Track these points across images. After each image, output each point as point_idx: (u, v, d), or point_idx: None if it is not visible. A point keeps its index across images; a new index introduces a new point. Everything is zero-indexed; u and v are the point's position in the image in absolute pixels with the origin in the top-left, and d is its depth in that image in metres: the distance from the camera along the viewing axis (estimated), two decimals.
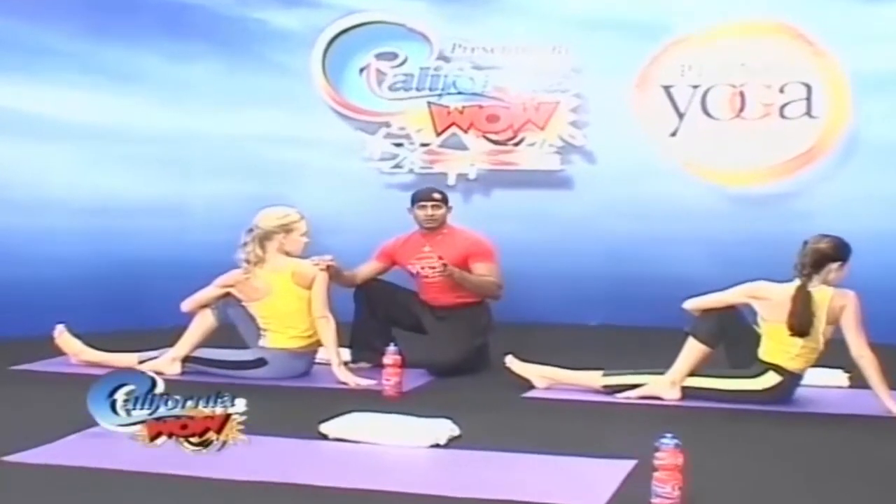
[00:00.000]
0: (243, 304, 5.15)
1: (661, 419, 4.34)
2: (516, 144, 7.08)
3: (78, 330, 5.45)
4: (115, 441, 3.86)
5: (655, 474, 3.18)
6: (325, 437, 3.92)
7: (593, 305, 6.88)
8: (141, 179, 6.84)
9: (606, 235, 6.89)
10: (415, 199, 5.47)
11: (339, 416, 4.05)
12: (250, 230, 5.12)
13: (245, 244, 5.09)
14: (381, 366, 5.02)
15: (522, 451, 3.81)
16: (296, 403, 4.67)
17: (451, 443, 3.90)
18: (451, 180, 7.03)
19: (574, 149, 7.02)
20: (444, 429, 3.94)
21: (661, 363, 4.80)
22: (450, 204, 5.51)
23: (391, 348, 4.75)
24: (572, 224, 6.97)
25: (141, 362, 5.20)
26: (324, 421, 4.00)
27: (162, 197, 6.90)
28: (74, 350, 5.39)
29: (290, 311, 5.06)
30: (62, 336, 5.41)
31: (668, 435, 3.18)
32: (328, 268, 5.10)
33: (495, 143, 7.10)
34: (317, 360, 5.24)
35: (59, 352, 5.42)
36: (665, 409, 4.57)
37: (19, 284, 6.26)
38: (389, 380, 4.73)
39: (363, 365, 5.34)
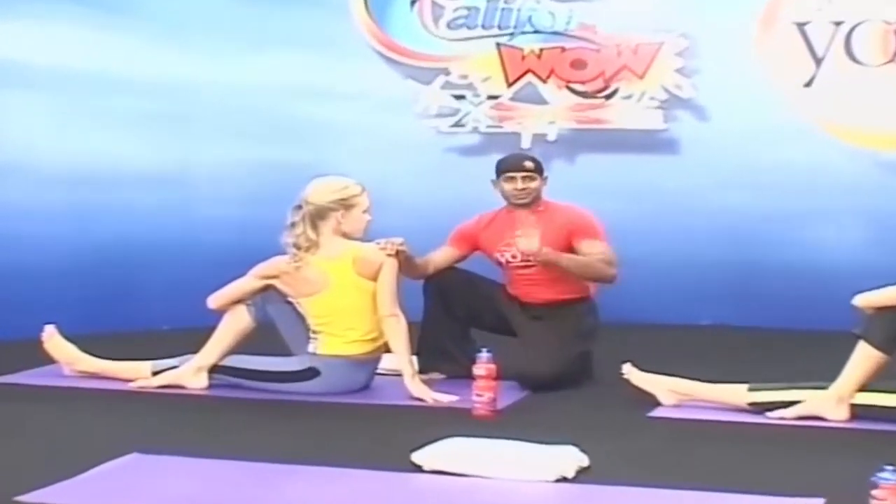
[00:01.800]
0: (289, 299, 5.12)
1: (831, 444, 4.35)
2: (608, 97, 7.08)
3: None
4: (154, 474, 3.86)
5: None
6: (419, 468, 3.90)
7: (706, 300, 6.88)
8: (133, 141, 6.85)
9: (722, 212, 6.92)
10: (500, 170, 5.44)
11: (434, 443, 4.02)
12: (299, 207, 5.08)
13: (293, 225, 5.05)
14: (459, 377, 5.06)
15: (671, 485, 3.77)
16: (369, 426, 4.64)
17: (579, 475, 3.86)
18: (526, 142, 7.04)
19: (681, 102, 7.02)
20: (571, 458, 3.91)
21: (810, 374, 4.79)
22: (545, 174, 5.48)
23: (483, 355, 4.71)
24: (679, 197, 7.00)
25: (156, 373, 5.22)
26: (415, 449, 3.97)
27: (160, 163, 6.91)
28: (69, 358, 5.38)
29: (350, 309, 5.04)
30: (52, 340, 5.39)
31: (889, 468, 3.15)
32: (397, 253, 5.07)
33: (581, 95, 7.11)
34: (377, 371, 5.24)
35: (48, 359, 5.41)
36: (833, 433, 4.54)
37: None
38: (481, 395, 4.69)
39: (435, 376, 5.33)
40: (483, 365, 4.70)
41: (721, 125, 6.98)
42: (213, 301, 5.21)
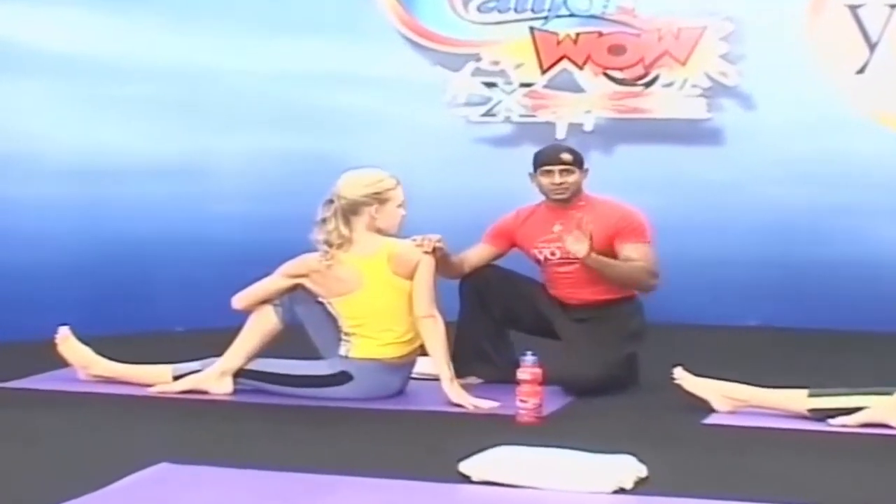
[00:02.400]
0: (319, 299, 5.12)
1: None
2: (648, 85, 7.08)
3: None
4: (189, 486, 3.86)
5: None
6: (467, 478, 3.89)
7: (753, 300, 6.89)
8: (145, 131, 6.84)
9: (769, 206, 6.92)
10: (537, 163, 5.44)
11: (481, 452, 4.01)
12: (330, 201, 5.07)
13: (324, 220, 5.04)
14: (496, 381, 5.11)
15: (734, 497, 3.75)
16: (407, 433, 4.64)
17: (638, 486, 3.86)
18: (561, 132, 7.04)
19: (725, 90, 7.01)
20: (629, 468, 3.91)
21: (869, 379, 4.79)
22: (585, 166, 5.47)
23: (528, 358, 4.71)
24: (723, 191, 6.99)
25: (177, 378, 5.22)
26: (461, 458, 3.96)
27: (174, 155, 6.89)
28: (84, 361, 5.37)
29: (386, 309, 5.04)
30: (67, 342, 5.38)
31: None
32: (435, 251, 5.06)
33: (620, 82, 7.11)
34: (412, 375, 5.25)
35: (61, 362, 5.40)
36: None
37: None
38: (526, 401, 4.69)
39: (472, 380, 5.32)
40: (528, 369, 4.70)
41: (768, 115, 6.96)
42: (238, 301, 5.19)
